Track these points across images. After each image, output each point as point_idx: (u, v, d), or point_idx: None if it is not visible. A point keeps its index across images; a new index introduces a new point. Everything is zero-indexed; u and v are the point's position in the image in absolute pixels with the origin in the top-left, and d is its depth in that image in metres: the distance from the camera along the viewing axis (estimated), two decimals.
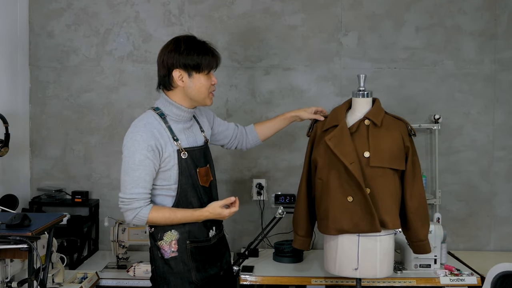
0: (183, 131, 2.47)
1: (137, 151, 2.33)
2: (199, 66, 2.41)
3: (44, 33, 3.56)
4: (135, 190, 2.34)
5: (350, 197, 2.55)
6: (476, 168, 3.60)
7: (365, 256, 2.60)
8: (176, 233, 2.42)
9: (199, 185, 2.46)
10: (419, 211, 2.67)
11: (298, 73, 3.57)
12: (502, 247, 3.60)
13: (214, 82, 2.48)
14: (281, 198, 3.47)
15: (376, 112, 2.66)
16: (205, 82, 2.44)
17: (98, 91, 3.58)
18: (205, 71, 2.43)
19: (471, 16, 3.55)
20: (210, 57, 2.43)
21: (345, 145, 2.55)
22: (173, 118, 2.45)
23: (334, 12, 3.55)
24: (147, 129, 2.37)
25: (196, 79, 2.43)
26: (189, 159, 2.42)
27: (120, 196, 2.37)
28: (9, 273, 2.41)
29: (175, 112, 2.45)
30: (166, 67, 2.43)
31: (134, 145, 2.34)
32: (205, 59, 2.42)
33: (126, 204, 2.35)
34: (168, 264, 2.41)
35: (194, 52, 2.41)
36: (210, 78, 2.46)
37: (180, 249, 2.42)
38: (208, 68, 2.43)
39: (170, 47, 2.45)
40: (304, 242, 2.80)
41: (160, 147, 2.37)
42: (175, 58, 2.41)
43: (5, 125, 2.84)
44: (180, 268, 2.41)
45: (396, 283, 3.02)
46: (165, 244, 2.42)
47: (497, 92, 3.58)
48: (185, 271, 2.41)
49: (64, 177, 3.59)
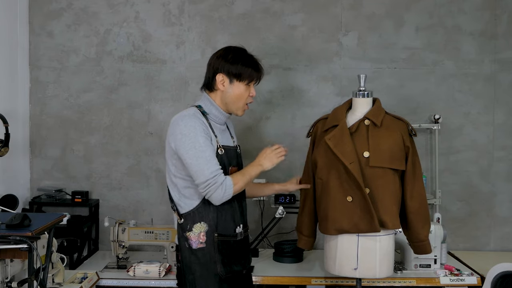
0: (219, 131, 2.59)
1: (197, 135, 2.43)
2: (241, 75, 2.55)
3: (44, 33, 3.56)
4: (213, 168, 2.42)
5: (350, 197, 2.55)
6: (476, 168, 3.60)
7: (364, 256, 2.60)
8: (205, 225, 2.50)
9: None
10: (420, 211, 2.66)
11: (298, 73, 3.57)
12: (502, 247, 3.60)
13: (252, 94, 2.61)
14: (281, 198, 3.46)
15: (376, 112, 2.66)
16: (243, 91, 2.58)
17: (98, 91, 3.58)
18: (245, 81, 2.57)
19: (471, 16, 3.55)
20: (252, 69, 2.58)
21: (345, 145, 2.55)
22: (213, 118, 2.58)
23: (334, 12, 3.55)
24: (196, 117, 2.49)
25: (236, 86, 2.56)
26: (224, 156, 2.52)
27: (202, 181, 2.41)
28: (9, 273, 2.41)
29: (214, 113, 2.58)
30: (212, 70, 2.58)
31: (193, 131, 2.44)
32: (248, 70, 2.56)
33: (212, 184, 2.41)
34: (195, 255, 2.50)
35: (239, 62, 2.56)
36: (249, 89, 2.59)
37: (208, 241, 2.50)
38: (248, 78, 2.57)
39: (219, 53, 2.61)
40: (308, 242, 2.81)
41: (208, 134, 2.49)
42: (221, 63, 2.56)
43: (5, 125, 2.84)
44: (206, 259, 2.49)
45: (396, 283, 3.02)
46: (194, 235, 2.49)
47: (497, 92, 3.58)
48: (211, 263, 2.49)
49: (64, 177, 3.59)
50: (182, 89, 3.57)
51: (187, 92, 3.56)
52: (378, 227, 2.54)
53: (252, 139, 3.57)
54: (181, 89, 3.57)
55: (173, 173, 2.51)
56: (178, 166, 2.49)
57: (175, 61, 3.57)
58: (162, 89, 3.56)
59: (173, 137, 2.46)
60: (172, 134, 2.47)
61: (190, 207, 2.50)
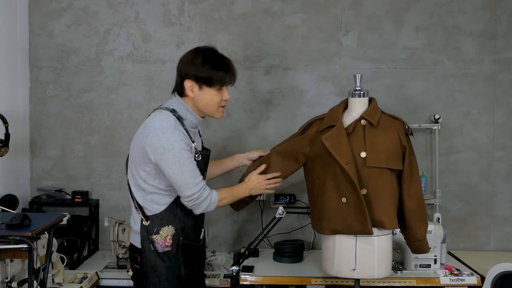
0: (194, 136, 2.52)
1: (181, 149, 2.36)
2: (211, 80, 2.44)
3: (44, 33, 3.56)
4: (197, 180, 2.40)
5: (344, 198, 2.55)
6: (476, 168, 3.60)
7: (362, 256, 2.60)
8: (172, 228, 2.46)
9: None
10: (417, 211, 2.66)
11: (298, 73, 3.57)
12: (502, 247, 3.60)
13: (225, 97, 2.50)
14: (281, 198, 3.47)
15: (373, 112, 2.65)
16: (214, 97, 2.47)
17: (98, 91, 3.58)
18: (216, 86, 2.45)
19: (471, 16, 3.55)
20: (223, 73, 2.45)
21: (341, 145, 2.55)
22: (187, 123, 2.49)
23: (334, 12, 3.55)
24: (176, 128, 2.39)
25: (206, 92, 2.46)
26: (201, 162, 2.49)
27: (188, 194, 2.39)
28: (9, 273, 2.41)
29: (189, 118, 2.49)
30: (180, 75, 2.49)
31: (176, 146, 2.35)
32: (218, 74, 2.44)
33: (198, 197, 2.40)
34: (161, 258, 2.45)
35: (208, 65, 2.44)
36: (221, 93, 2.48)
37: (173, 244, 2.47)
38: (219, 83, 2.45)
39: (188, 56, 2.49)
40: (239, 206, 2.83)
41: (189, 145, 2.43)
42: (189, 68, 2.45)
43: (5, 125, 2.84)
44: (172, 262, 2.46)
45: (396, 283, 3.02)
46: (160, 238, 2.44)
47: (497, 92, 3.58)
48: (176, 266, 2.47)
49: (64, 177, 3.59)
50: None
51: None
52: (371, 230, 2.54)
53: (252, 139, 3.57)
54: None
55: (144, 179, 2.43)
56: (152, 174, 2.41)
57: (175, 61, 3.48)
58: (162, 89, 3.56)
59: (152, 148, 2.35)
60: (151, 145, 2.35)
61: (158, 210, 2.44)
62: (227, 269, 3.14)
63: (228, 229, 3.61)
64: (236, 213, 3.57)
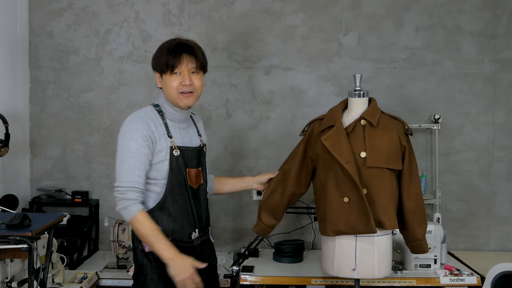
0: (178, 130, 2.47)
1: (132, 139, 2.34)
2: (164, 67, 2.40)
3: (44, 33, 3.56)
4: (131, 178, 2.32)
5: (346, 198, 2.55)
6: (476, 168, 3.60)
7: (362, 256, 2.60)
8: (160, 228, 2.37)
9: (188, 184, 2.45)
10: (417, 211, 2.66)
11: (298, 73, 3.57)
12: (502, 247, 3.60)
13: (184, 82, 2.41)
14: None
15: (372, 112, 2.65)
16: (170, 82, 2.41)
17: (98, 91, 3.58)
18: (168, 71, 2.40)
19: (471, 16, 3.55)
20: (172, 57, 2.39)
21: (341, 145, 2.55)
22: (170, 117, 2.47)
23: (334, 12, 3.55)
24: (143, 120, 2.39)
25: (165, 80, 2.43)
26: (180, 158, 2.42)
27: (116, 185, 2.35)
28: (9, 273, 2.41)
29: (169, 110, 2.47)
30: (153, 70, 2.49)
31: (130, 134, 2.35)
32: (169, 60, 2.39)
33: (121, 193, 2.33)
34: (147, 258, 2.41)
35: (158, 53, 2.44)
36: (177, 78, 2.41)
37: None
38: (170, 68, 2.39)
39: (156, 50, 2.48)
40: (265, 231, 2.79)
41: (154, 138, 2.38)
42: (153, 61, 2.47)
43: (5, 125, 2.84)
44: (158, 262, 2.36)
45: (396, 283, 3.02)
46: None
47: (497, 92, 3.58)
48: (163, 267, 2.34)
49: (64, 177, 3.59)
50: None
51: None
52: (375, 228, 2.53)
53: (252, 139, 3.58)
54: None
55: None
56: None
57: None
58: None
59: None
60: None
61: (146, 209, 2.38)
62: (227, 269, 3.14)
63: (228, 229, 3.61)
64: (236, 213, 3.57)
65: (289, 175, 2.73)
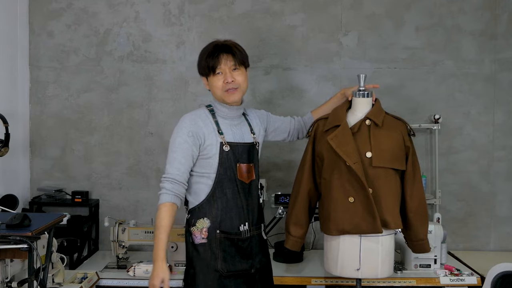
0: (230, 127, 2.60)
1: (178, 136, 2.52)
2: (206, 69, 2.56)
3: (44, 33, 3.56)
4: (170, 170, 2.49)
5: (352, 197, 2.55)
6: (476, 168, 3.60)
7: (367, 256, 2.59)
8: (208, 221, 2.52)
9: (237, 179, 2.54)
10: (419, 210, 2.67)
11: (298, 73, 3.58)
12: (502, 247, 3.60)
13: (226, 80, 2.54)
14: (281, 198, 3.46)
15: (377, 112, 2.65)
16: (215, 82, 2.56)
17: (98, 91, 3.58)
18: (211, 73, 2.55)
19: (471, 16, 3.55)
20: (211, 59, 2.54)
21: (347, 145, 2.55)
22: (221, 114, 2.60)
23: (334, 12, 3.55)
24: (191, 118, 2.56)
25: (211, 81, 2.58)
26: (230, 153, 2.53)
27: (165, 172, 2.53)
28: (9, 273, 2.41)
29: (220, 109, 2.60)
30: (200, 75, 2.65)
31: (177, 131, 2.54)
32: (209, 62, 2.54)
33: (161, 181, 2.50)
34: (197, 250, 2.52)
35: (203, 58, 2.57)
36: (220, 78, 2.55)
37: (209, 237, 2.52)
38: (212, 69, 2.54)
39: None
40: (297, 243, 2.77)
41: (202, 134, 2.52)
42: (198, 67, 2.62)
43: (5, 125, 2.84)
44: (207, 255, 2.51)
45: (396, 283, 3.02)
46: (197, 230, 2.53)
47: (497, 92, 3.58)
48: (212, 259, 2.51)
49: (64, 177, 3.59)
50: (182, 89, 3.57)
51: (187, 92, 3.56)
52: (381, 228, 2.53)
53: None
54: (181, 89, 3.57)
55: None
56: None
57: (175, 61, 3.57)
58: (162, 89, 3.56)
59: None
60: None
61: (196, 203, 2.54)
62: None
63: None
64: None
65: (302, 176, 2.73)
